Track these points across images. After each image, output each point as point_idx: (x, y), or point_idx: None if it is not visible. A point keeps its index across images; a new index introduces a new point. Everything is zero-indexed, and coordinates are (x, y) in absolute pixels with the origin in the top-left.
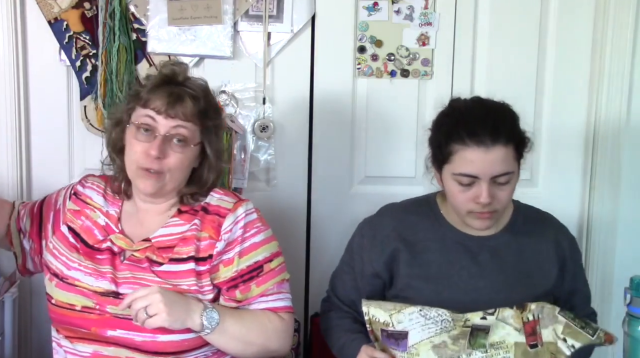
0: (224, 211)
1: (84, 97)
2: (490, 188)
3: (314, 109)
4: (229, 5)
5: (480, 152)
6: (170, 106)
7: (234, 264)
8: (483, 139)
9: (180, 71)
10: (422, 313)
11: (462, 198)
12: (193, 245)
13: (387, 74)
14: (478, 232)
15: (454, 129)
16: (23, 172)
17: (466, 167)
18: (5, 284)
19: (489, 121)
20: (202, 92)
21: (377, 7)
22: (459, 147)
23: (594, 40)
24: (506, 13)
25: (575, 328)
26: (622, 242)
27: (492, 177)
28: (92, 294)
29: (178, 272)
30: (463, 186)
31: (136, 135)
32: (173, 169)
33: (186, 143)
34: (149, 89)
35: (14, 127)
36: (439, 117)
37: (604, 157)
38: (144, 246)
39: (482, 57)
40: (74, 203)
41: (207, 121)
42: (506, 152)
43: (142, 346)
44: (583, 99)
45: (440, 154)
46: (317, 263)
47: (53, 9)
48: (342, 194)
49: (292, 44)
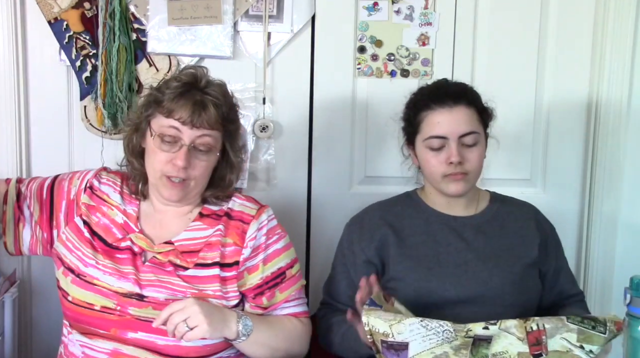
0: (247, 217)
1: (84, 97)
2: (458, 148)
3: (314, 109)
4: (229, 5)
5: (444, 112)
6: (196, 116)
7: (259, 271)
8: (446, 101)
9: (200, 76)
10: (423, 324)
11: (434, 162)
12: (218, 250)
13: (387, 74)
14: (459, 212)
15: (419, 100)
16: (23, 171)
17: (434, 129)
18: (5, 284)
19: (451, 87)
20: (223, 97)
21: (377, 7)
22: (425, 113)
23: (594, 41)
24: (506, 13)
25: (589, 332)
26: (622, 242)
27: (459, 137)
28: (112, 294)
29: (203, 277)
30: (434, 151)
31: (161, 145)
32: (198, 177)
33: (211, 151)
34: (171, 97)
35: (14, 127)
36: (408, 99)
37: (604, 157)
38: (167, 249)
39: (482, 57)
40: (89, 197)
41: (229, 125)
42: (469, 112)
43: (163, 350)
44: (583, 99)
45: (411, 127)
46: (317, 264)
47: (53, 9)
48: (342, 194)
49: (292, 44)
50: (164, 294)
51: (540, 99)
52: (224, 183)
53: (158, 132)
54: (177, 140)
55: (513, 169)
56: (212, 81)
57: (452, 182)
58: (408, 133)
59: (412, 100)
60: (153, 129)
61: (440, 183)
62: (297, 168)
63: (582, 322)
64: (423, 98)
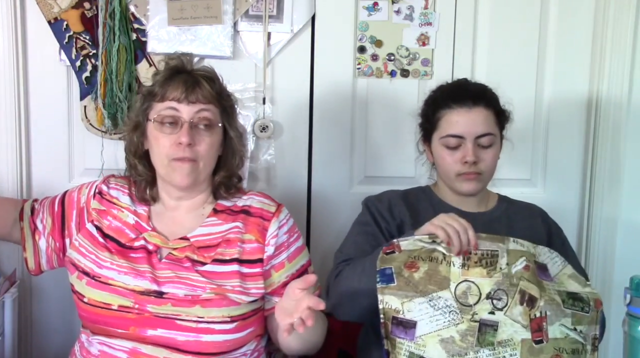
0: (267, 214)
1: (84, 97)
2: (474, 148)
3: (314, 109)
4: (229, 5)
5: (463, 112)
6: (189, 91)
7: (285, 268)
8: (465, 101)
9: (187, 61)
10: (432, 304)
11: (450, 160)
12: (237, 247)
13: (387, 74)
14: (471, 209)
15: (440, 98)
16: (23, 172)
17: (452, 128)
18: (5, 284)
19: (471, 88)
20: (214, 75)
21: (377, 7)
22: (444, 111)
23: (594, 41)
24: (506, 13)
25: (579, 314)
26: (622, 242)
27: (476, 137)
28: (129, 293)
29: (221, 273)
30: (450, 149)
31: (161, 129)
32: (204, 155)
33: (212, 126)
34: (162, 82)
35: (14, 127)
36: (427, 97)
37: (604, 158)
38: (183, 245)
39: (482, 57)
40: (98, 202)
41: (224, 101)
42: (487, 114)
43: (183, 346)
44: (583, 99)
45: (428, 124)
46: (317, 263)
47: (53, 9)
48: (342, 194)
49: (292, 44)
50: (183, 290)
51: (540, 98)
52: (227, 166)
53: (155, 116)
54: (177, 119)
55: (513, 168)
56: (199, 65)
57: (466, 181)
58: (425, 129)
59: (432, 98)
60: (152, 116)
61: (454, 181)
62: (297, 168)
63: (574, 304)
64: (443, 96)
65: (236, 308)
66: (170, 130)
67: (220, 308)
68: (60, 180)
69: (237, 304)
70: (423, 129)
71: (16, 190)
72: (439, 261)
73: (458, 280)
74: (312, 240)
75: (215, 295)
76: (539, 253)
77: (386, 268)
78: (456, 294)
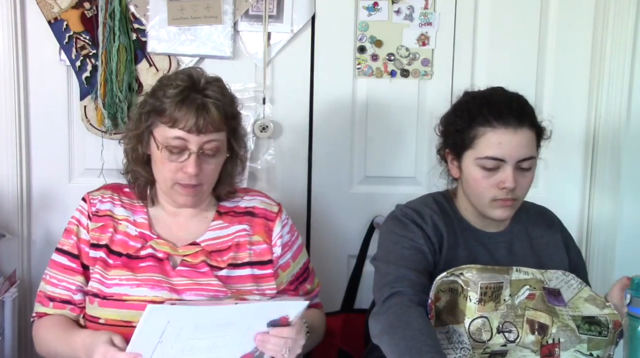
0: (270, 215)
1: (84, 97)
2: (515, 173)
3: (314, 109)
4: (229, 5)
5: (508, 133)
6: (199, 123)
7: (291, 268)
8: (510, 121)
9: (198, 77)
10: (447, 336)
11: (485, 184)
12: (247, 250)
13: (387, 74)
14: (491, 228)
15: (478, 112)
16: (23, 172)
17: (493, 150)
18: (5, 284)
19: (514, 104)
20: (222, 95)
21: (377, 7)
22: (484, 129)
23: (594, 41)
24: (506, 13)
25: (596, 339)
26: (622, 242)
27: (518, 161)
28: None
29: (236, 277)
30: (487, 171)
31: (169, 157)
32: (209, 179)
33: (219, 152)
34: (173, 106)
35: (14, 127)
36: (458, 105)
37: (604, 158)
38: (195, 250)
39: (482, 57)
40: (95, 222)
41: (232, 122)
42: (531, 135)
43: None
44: (583, 99)
45: (461, 140)
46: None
47: (53, 9)
48: (342, 194)
49: (292, 44)
50: (205, 297)
51: (540, 98)
52: (231, 178)
53: (164, 143)
54: (185, 149)
55: None
56: (209, 80)
57: (501, 207)
58: (455, 144)
59: (466, 109)
60: (158, 140)
61: (487, 206)
62: (297, 168)
63: (590, 329)
64: (482, 110)
65: None
66: (176, 157)
67: None
68: (60, 180)
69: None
70: (452, 142)
71: (16, 190)
72: (458, 293)
73: (473, 316)
74: (312, 240)
75: (235, 299)
76: (549, 278)
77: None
78: (470, 330)
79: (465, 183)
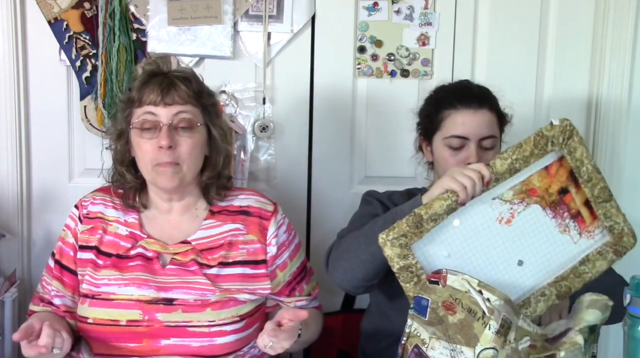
0: (266, 214)
1: (84, 97)
2: (477, 150)
3: (314, 109)
4: (229, 5)
5: (469, 113)
6: (165, 94)
7: (288, 267)
8: (472, 103)
9: (163, 63)
10: (452, 355)
11: (452, 162)
12: (240, 249)
13: (387, 74)
14: None
15: (444, 98)
16: (23, 172)
17: (457, 129)
18: (5, 284)
19: (475, 89)
20: (191, 75)
21: (377, 7)
22: (449, 111)
23: (594, 41)
24: (506, 13)
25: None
26: None
27: (480, 139)
28: (135, 304)
29: (226, 276)
30: (453, 150)
31: (142, 135)
32: (187, 157)
33: (192, 127)
34: (138, 87)
35: (14, 127)
36: (429, 96)
37: (604, 157)
38: (185, 249)
39: (482, 57)
40: (85, 224)
41: (204, 101)
42: (491, 116)
43: (197, 352)
44: (583, 99)
45: (430, 124)
46: (317, 263)
47: (53, 9)
48: (342, 194)
49: (292, 44)
50: (192, 295)
51: (540, 98)
52: (212, 165)
53: (138, 125)
54: (156, 124)
55: None
56: (177, 69)
57: None
58: (426, 129)
59: (434, 97)
60: (133, 124)
61: None
62: (297, 168)
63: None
64: (447, 96)
65: (243, 306)
66: (150, 134)
67: (229, 309)
68: (60, 180)
69: (243, 303)
70: (423, 128)
71: (16, 190)
72: (477, 317)
73: (487, 345)
74: (312, 239)
75: (223, 298)
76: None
77: (423, 299)
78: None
79: (436, 164)
